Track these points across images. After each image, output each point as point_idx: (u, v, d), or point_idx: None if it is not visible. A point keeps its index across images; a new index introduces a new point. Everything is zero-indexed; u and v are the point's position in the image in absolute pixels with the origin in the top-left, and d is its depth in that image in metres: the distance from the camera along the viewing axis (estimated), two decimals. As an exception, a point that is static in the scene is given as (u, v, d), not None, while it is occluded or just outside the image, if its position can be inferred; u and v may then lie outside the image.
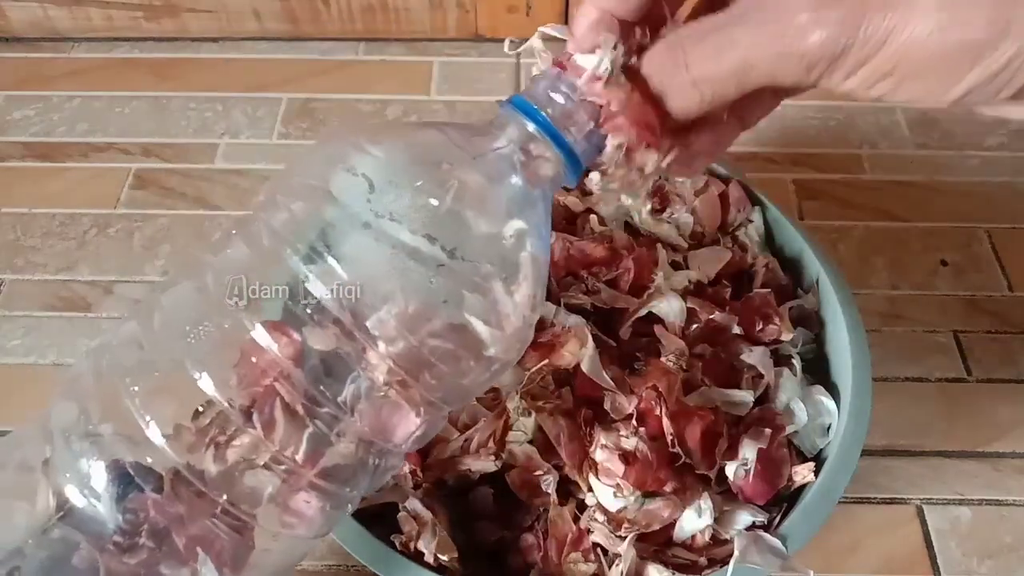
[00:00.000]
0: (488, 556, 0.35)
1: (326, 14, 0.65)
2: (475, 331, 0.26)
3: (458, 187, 0.27)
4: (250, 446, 0.26)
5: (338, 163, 0.27)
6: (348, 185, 0.26)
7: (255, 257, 0.27)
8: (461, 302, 0.26)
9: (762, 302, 0.39)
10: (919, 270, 0.53)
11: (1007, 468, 0.44)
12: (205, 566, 0.26)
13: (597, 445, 0.33)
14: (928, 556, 0.41)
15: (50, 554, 0.26)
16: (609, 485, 0.33)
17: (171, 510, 0.26)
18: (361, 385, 0.26)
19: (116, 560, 0.26)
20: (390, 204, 0.26)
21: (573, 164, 0.27)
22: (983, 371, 0.48)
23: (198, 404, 0.26)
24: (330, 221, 0.26)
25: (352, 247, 0.26)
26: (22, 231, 0.55)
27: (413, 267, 0.26)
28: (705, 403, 0.35)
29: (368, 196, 0.26)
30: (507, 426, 0.34)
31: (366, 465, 0.28)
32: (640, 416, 0.34)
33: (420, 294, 0.26)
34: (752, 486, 0.34)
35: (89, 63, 0.66)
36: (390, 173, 0.27)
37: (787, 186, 0.57)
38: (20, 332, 0.50)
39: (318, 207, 0.27)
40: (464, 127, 0.28)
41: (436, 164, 0.27)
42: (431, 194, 0.26)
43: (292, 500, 0.27)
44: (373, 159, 0.27)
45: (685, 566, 0.33)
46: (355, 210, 0.26)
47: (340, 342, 0.26)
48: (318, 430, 0.26)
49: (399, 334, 0.26)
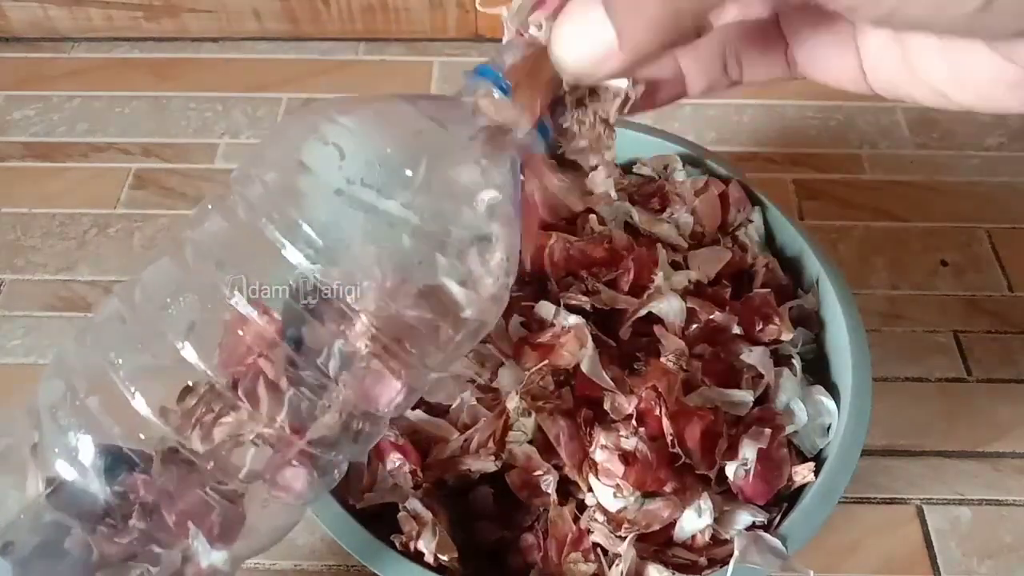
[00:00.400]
0: (488, 556, 0.35)
1: (326, 14, 0.65)
2: (450, 293, 0.27)
3: (428, 153, 0.27)
4: (236, 421, 0.26)
5: (309, 134, 0.27)
6: (319, 154, 0.27)
7: (232, 229, 0.28)
8: (435, 264, 0.27)
9: (762, 302, 0.39)
10: (919, 270, 0.53)
11: (1007, 468, 0.44)
12: (197, 539, 0.27)
13: (597, 445, 0.33)
14: (928, 556, 0.41)
15: (46, 530, 0.26)
16: (609, 485, 0.33)
17: (161, 486, 0.26)
18: (342, 353, 0.27)
19: (107, 541, 0.26)
20: (361, 170, 0.26)
21: (540, 128, 0.27)
22: (983, 371, 0.48)
23: (184, 379, 0.26)
24: (303, 190, 0.27)
25: (326, 214, 0.26)
26: (22, 231, 0.55)
27: (386, 230, 0.26)
28: (705, 403, 0.35)
29: (339, 164, 0.26)
30: (507, 426, 0.34)
31: (350, 431, 0.28)
32: (640, 416, 0.34)
33: (394, 258, 0.26)
34: (752, 486, 0.34)
35: (89, 63, 0.66)
36: (360, 141, 0.27)
37: (787, 186, 0.57)
38: (20, 332, 0.50)
39: (291, 177, 0.27)
40: (433, 97, 0.29)
41: (405, 131, 0.28)
42: (401, 160, 0.27)
43: (281, 470, 0.28)
44: (343, 128, 0.27)
45: (685, 566, 0.33)
46: (327, 178, 0.26)
47: (320, 310, 0.26)
48: (303, 400, 0.27)
49: (376, 298, 0.26)
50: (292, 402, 0.27)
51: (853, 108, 0.62)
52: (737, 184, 0.43)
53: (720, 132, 0.60)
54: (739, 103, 0.62)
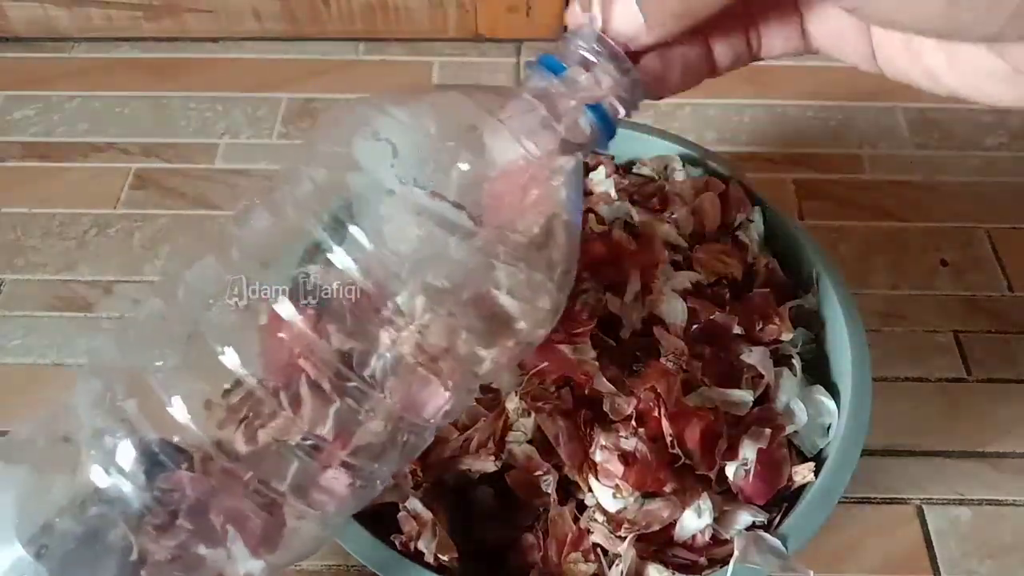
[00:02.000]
0: (488, 556, 0.35)
1: (326, 14, 0.65)
2: (503, 304, 0.25)
3: (485, 151, 0.25)
4: (280, 426, 0.25)
5: (361, 128, 0.26)
6: (371, 150, 0.25)
7: (279, 228, 0.26)
8: (489, 272, 0.25)
9: (762, 302, 0.39)
10: (919, 270, 0.53)
11: (1007, 468, 0.44)
12: (235, 544, 0.26)
13: (596, 446, 0.33)
14: (928, 556, 0.41)
15: (83, 532, 0.25)
16: (608, 486, 0.33)
17: (198, 489, 0.25)
18: (388, 359, 0.25)
19: (151, 541, 0.25)
20: (414, 169, 0.25)
21: (605, 125, 0.26)
22: (983, 371, 0.48)
23: (224, 381, 0.25)
24: (354, 189, 0.25)
25: (376, 215, 0.25)
26: (22, 231, 0.55)
27: (439, 235, 0.24)
28: (705, 403, 0.35)
29: (392, 161, 0.25)
30: (507, 426, 0.34)
31: (396, 442, 0.27)
32: (639, 417, 0.34)
33: (446, 263, 0.25)
34: (752, 486, 0.34)
35: (89, 63, 0.66)
36: (414, 137, 0.26)
37: (787, 186, 0.57)
38: (20, 332, 0.50)
39: (341, 175, 0.26)
40: (491, 89, 0.27)
41: (463, 127, 0.26)
42: (457, 158, 0.25)
43: (322, 478, 0.26)
44: (397, 123, 0.26)
45: (685, 566, 0.33)
46: (378, 176, 0.25)
47: (367, 315, 0.25)
48: (346, 407, 0.25)
49: (425, 305, 0.25)
50: (337, 409, 0.25)
51: (853, 108, 0.62)
52: (737, 184, 0.43)
53: (720, 132, 0.60)
54: (739, 103, 0.62)
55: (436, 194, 0.24)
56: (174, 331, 0.27)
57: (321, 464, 0.26)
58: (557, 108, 0.25)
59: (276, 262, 0.26)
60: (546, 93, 0.25)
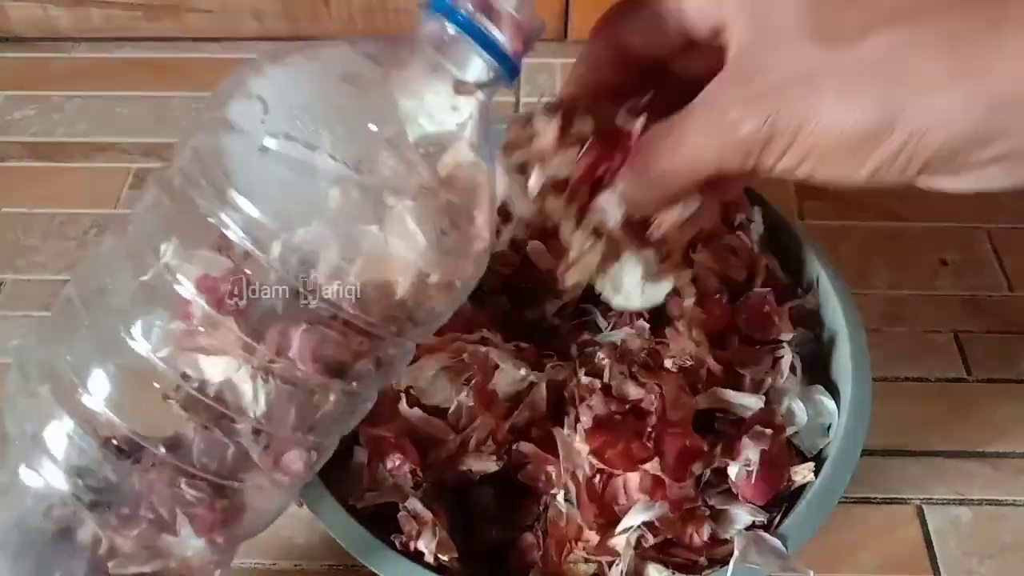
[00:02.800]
0: (488, 556, 0.35)
1: (326, 14, 0.65)
2: (402, 255, 0.25)
3: (365, 98, 0.25)
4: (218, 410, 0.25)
5: (235, 88, 0.26)
6: (244, 109, 0.25)
7: (169, 203, 0.26)
8: (381, 222, 0.24)
9: (762, 302, 0.39)
10: (919, 270, 0.53)
11: (1007, 468, 0.44)
12: (184, 528, 0.26)
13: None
14: (928, 556, 0.41)
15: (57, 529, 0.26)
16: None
17: (153, 478, 0.25)
18: (315, 329, 0.25)
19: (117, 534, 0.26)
20: (285, 123, 0.24)
21: (505, 64, 0.25)
22: (983, 371, 0.48)
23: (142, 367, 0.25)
24: (230, 151, 0.25)
25: (253, 175, 0.24)
26: (22, 231, 0.55)
27: (318, 187, 0.24)
28: (714, 404, 0.36)
29: (262, 117, 0.24)
30: (506, 426, 0.34)
31: (342, 409, 0.27)
32: (638, 411, 0.34)
33: (331, 219, 0.24)
34: (752, 486, 0.34)
35: (89, 63, 0.66)
36: (285, 90, 0.25)
37: (787, 186, 0.57)
38: (20, 332, 0.50)
39: (218, 138, 0.25)
40: (378, 38, 0.27)
41: (341, 76, 0.25)
42: (329, 108, 0.25)
43: (275, 456, 0.27)
44: (269, 79, 0.26)
45: (685, 566, 0.33)
46: (251, 134, 0.25)
47: (266, 283, 0.24)
48: (284, 384, 0.25)
49: (323, 267, 0.24)
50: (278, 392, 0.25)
51: (853, 108, 0.62)
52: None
53: (720, 132, 0.60)
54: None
55: (309, 145, 0.24)
56: (84, 322, 0.26)
57: (267, 441, 0.26)
58: (451, 51, 0.25)
59: (169, 237, 0.25)
60: (436, 35, 0.25)
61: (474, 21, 0.25)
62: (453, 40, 0.25)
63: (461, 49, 0.25)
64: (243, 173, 0.24)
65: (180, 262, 0.25)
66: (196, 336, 0.25)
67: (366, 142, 0.25)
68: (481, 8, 0.25)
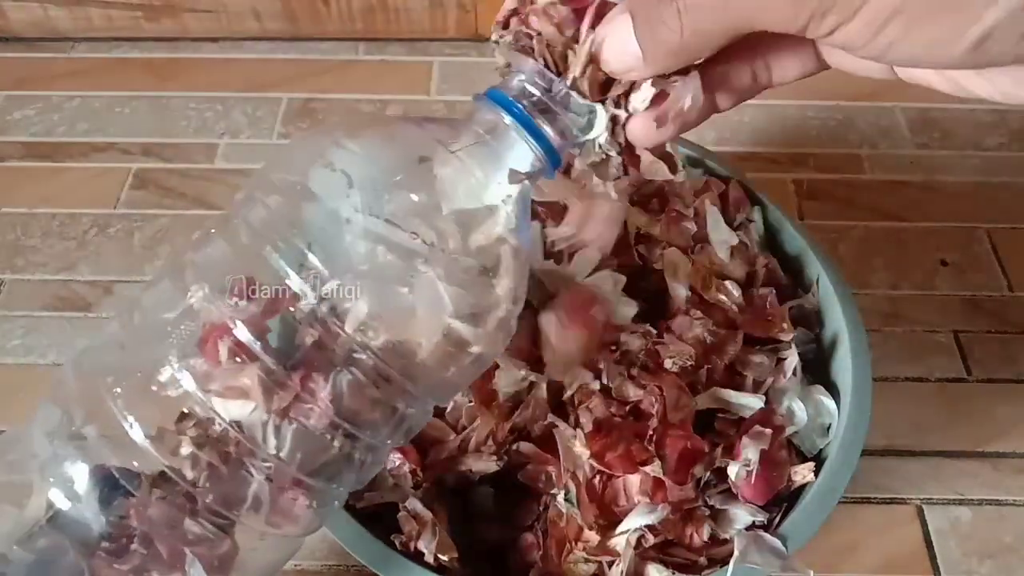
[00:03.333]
0: (488, 556, 0.35)
1: (326, 14, 0.65)
2: (457, 329, 0.26)
3: (437, 182, 0.26)
4: (236, 450, 0.26)
5: (316, 158, 0.27)
6: (327, 181, 0.26)
7: (235, 255, 0.27)
8: (442, 298, 0.26)
9: (762, 302, 0.39)
10: (919, 270, 0.53)
11: (1007, 468, 0.44)
12: (194, 568, 0.26)
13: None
14: (928, 556, 0.41)
15: (36, 559, 0.26)
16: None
17: (154, 513, 0.26)
18: (343, 382, 0.26)
19: (106, 566, 0.26)
20: (369, 200, 0.26)
21: (551, 157, 0.27)
22: (983, 371, 0.48)
23: (181, 406, 0.26)
24: (309, 218, 0.26)
25: (332, 244, 0.26)
26: (22, 231, 0.55)
27: (393, 263, 0.25)
28: (714, 404, 0.35)
29: (347, 192, 0.26)
30: (506, 427, 0.34)
31: (352, 460, 0.28)
32: (637, 412, 0.34)
33: (399, 290, 0.26)
34: (752, 487, 0.34)
35: (89, 63, 0.66)
36: (368, 168, 0.27)
37: (787, 186, 0.57)
38: (20, 332, 0.50)
39: (297, 203, 0.26)
40: (442, 121, 0.28)
41: (414, 158, 0.27)
42: (410, 188, 0.26)
43: (279, 499, 0.27)
44: (350, 154, 0.27)
45: (685, 566, 0.33)
46: (334, 206, 0.26)
47: (322, 339, 0.26)
48: (301, 427, 0.26)
49: (380, 331, 0.26)
50: (294, 431, 0.26)
51: (853, 108, 0.62)
52: (737, 184, 0.43)
53: (720, 132, 0.60)
54: (739, 103, 0.62)
55: (390, 223, 0.25)
56: (130, 356, 0.27)
57: (277, 485, 0.27)
58: (505, 140, 0.27)
59: (229, 286, 0.26)
60: (494, 125, 0.27)
61: (529, 115, 0.26)
62: (507, 129, 0.27)
63: (513, 138, 0.27)
64: (322, 240, 0.26)
65: (212, 304, 0.26)
66: (218, 376, 0.26)
67: (442, 223, 0.26)
68: (537, 106, 0.26)
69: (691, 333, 0.37)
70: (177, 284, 0.27)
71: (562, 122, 0.27)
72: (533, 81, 0.26)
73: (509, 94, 0.26)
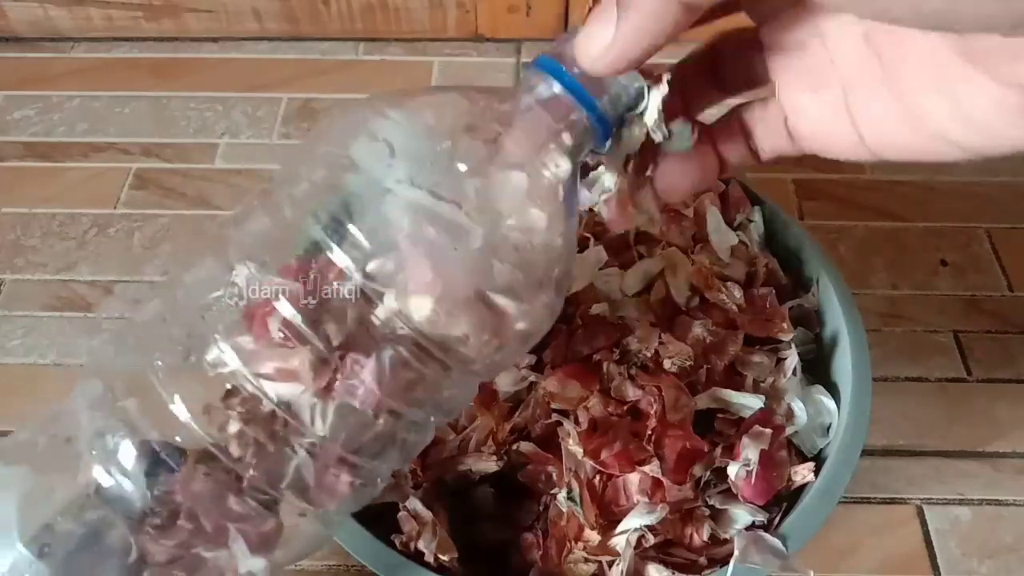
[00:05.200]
0: (488, 556, 0.35)
1: (326, 14, 0.65)
2: (500, 304, 0.25)
3: (482, 151, 0.26)
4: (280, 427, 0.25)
5: (359, 129, 0.26)
6: (368, 150, 0.25)
7: (276, 228, 0.26)
8: (488, 272, 0.25)
9: (762, 302, 0.39)
10: (919, 270, 0.53)
11: (1007, 468, 0.44)
12: (236, 543, 0.26)
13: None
14: (928, 556, 0.41)
15: (84, 531, 0.25)
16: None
17: (200, 489, 0.25)
18: (386, 359, 0.25)
19: (153, 541, 0.25)
20: (411, 169, 0.25)
21: (602, 126, 0.26)
22: (983, 371, 0.48)
23: (224, 383, 0.25)
24: (351, 189, 0.25)
25: (374, 215, 0.25)
26: (22, 231, 0.55)
27: (435, 234, 0.25)
28: (714, 404, 0.36)
29: (389, 161, 0.25)
30: (507, 427, 0.34)
31: (396, 439, 0.27)
32: (636, 411, 0.34)
33: (444, 263, 0.25)
34: (752, 486, 0.34)
35: (89, 63, 0.66)
36: (411, 137, 0.26)
37: (787, 186, 0.57)
38: (20, 332, 0.50)
39: (339, 175, 0.26)
40: (488, 90, 0.27)
41: (459, 128, 0.26)
42: (454, 157, 0.25)
43: (323, 477, 0.26)
44: (394, 123, 0.26)
45: (685, 566, 0.33)
46: (376, 176, 0.25)
47: (365, 316, 0.25)
48: (346, 406, 0.25)
49: (423, 304, 0.25)
50: (336, 407, 0.25)
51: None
52: (737, 184, 0.43)
53: (720, 132, 0.60)
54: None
55: (434, 193, 0.25)
56: (173, 332, 0.27)
57: (320, 462, 0.26)
58: (555, 108, 0.26)
59: (274, 262, 0.26)
60: (544, 94, 0.26)
61: (580, 82, 0.25)
62: (556, 97, 0.26)
63: (563, 107, 0.26)
64: (364, 212, 0.25)
65: (262, 283, 0.25)
66: (266, 355, 0.25)
67: (488, 196, 0.25)
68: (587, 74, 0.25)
69: (691, 333, 0.37)
70: (219, 260, 0.27)
71: (613, 89, 0.25)
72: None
73: (560, 61, 0.25)
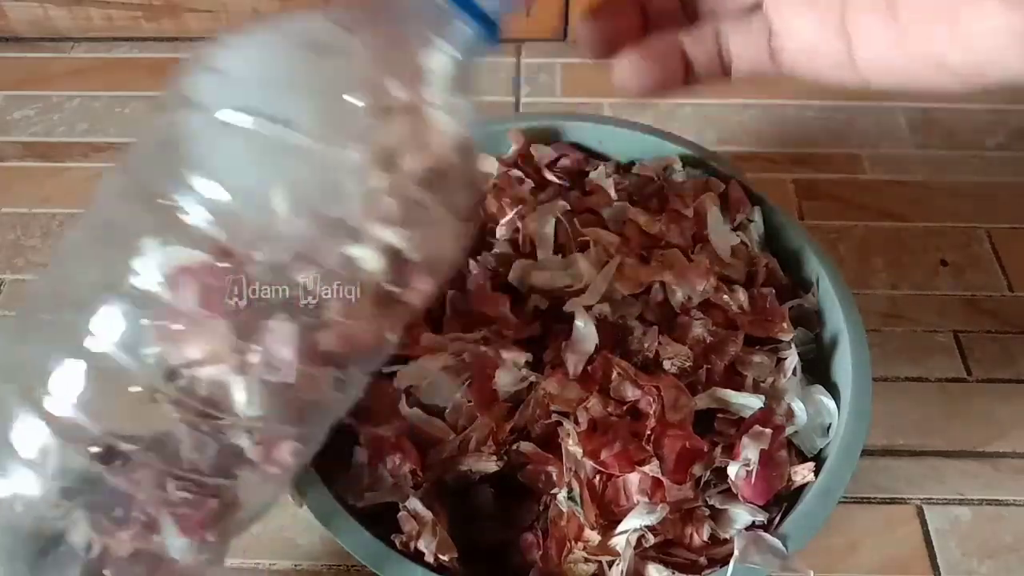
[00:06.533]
0: (488, 556, 0.35)
1: (326, 14, 0.65)
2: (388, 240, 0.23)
3: (343, 70, 0.23)
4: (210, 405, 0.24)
5: (194, 62, 0.24)
6: (202, 82, 0.23)
7: (133, 191, 0.24)
8: (353, 202, 0.22)
9: (762, 302, 0.39)
10: (919, 270, 0.53)
11: (1007, 468, 0.44)
12: (168, 528, 0.25)
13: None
14: (928, 556, 0.41)
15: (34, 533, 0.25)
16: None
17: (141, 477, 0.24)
18: (289, 323, 0.23)
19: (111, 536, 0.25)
20: (245, 95, 0.22)
21: (485, 27, 0.23)
22: (983, 371, 0.48)
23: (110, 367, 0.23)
24: (191, 128, 0.23)
25: (214, 152, 0.22)
26: (22, 231, 0.55)
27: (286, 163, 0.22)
28: (714, 404, 0.35)
29: (222, 90, 0.23)
30: (507, 427, 0.34)
31: (330, 399, 0.26)
32: (636, 412, 0.34)
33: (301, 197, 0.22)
34: (752, 486, 0.34)
35: (89, 63, 0.66)
36: (246, 60, 0.23)
37: (787, 186, 0.57)
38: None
39: (177, 115, 0.23)
40: (350, 5, 0.24)
41: (308, 45, 0.23)
42: (306, 83, 0.23)
43: (270, 452, 0.25)
44: (230, 50, 0.24)
45: (685, 566, 0.33)
46: (208, 107, 0.22)
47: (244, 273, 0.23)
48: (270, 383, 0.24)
49: (296, 248, 0.22)
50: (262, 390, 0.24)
51: (853, 108, 0.62)
52: (737, 184, 0.43)
53: (720, 132, 0.60)
54: (739, 103, 0.62)
55: (274, 118, 0.22)
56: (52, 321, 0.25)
57: (262, 441, 0.25)
58: (428, 14, 0.23)
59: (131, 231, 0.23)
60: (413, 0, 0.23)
61: None
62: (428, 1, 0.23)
63: (436, 9, 0.23)
64: (204, 152, 0.22)
65: (156, 256, 0.23)
66: (181, 334, 0.23)
67: (333, 112, 0.22)
68: None
69: (691, 333, 0.37)
70: (89, 232, 0.25)
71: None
72: None
73: None
